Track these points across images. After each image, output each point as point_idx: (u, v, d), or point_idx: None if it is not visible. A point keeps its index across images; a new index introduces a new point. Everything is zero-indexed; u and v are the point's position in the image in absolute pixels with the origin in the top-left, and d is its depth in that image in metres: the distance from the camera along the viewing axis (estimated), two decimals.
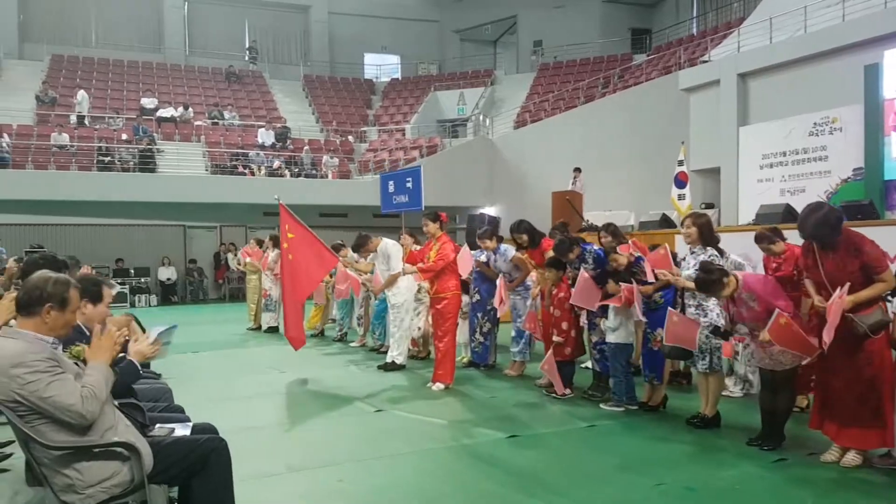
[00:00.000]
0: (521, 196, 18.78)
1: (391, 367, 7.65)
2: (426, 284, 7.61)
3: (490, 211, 18.96)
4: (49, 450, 2.68)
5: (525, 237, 7.23)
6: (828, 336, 4.02)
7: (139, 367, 3.41)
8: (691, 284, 4.87)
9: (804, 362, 4.52)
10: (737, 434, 4.96)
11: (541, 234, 7.56)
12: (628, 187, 15.75)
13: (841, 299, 3.99)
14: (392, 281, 7.57)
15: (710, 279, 4.50)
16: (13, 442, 4.44)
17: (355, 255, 8.88)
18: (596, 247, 6.20)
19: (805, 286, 4.55)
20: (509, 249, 7.31)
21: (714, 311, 4.98)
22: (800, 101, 12.33)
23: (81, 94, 20.33)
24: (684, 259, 5.42)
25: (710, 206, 14.04)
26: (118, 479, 2.76)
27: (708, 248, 5.09)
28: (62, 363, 2.75)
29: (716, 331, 4.84)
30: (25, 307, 2.80)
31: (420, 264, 6.95)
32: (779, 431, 4.63)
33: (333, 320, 10.51)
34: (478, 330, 7.72)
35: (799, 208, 8.48)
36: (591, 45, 24.77)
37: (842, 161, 11.49)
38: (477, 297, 7.72)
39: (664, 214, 12.99)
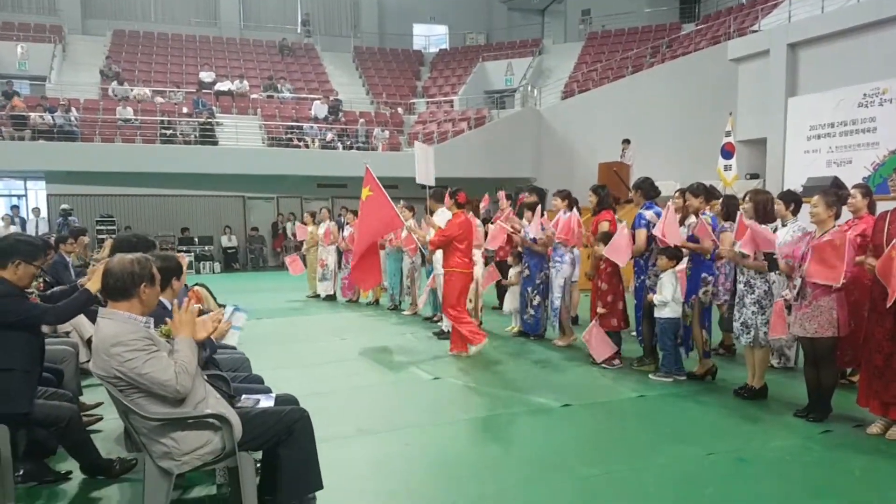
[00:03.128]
0: (569, 167, 18.99)
1: (444, 335, 7.98)
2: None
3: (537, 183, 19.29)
4: (147, 421, 2.86)
5: (595, 199, 7.21)
6: (892, 290, 4.11)
7: (213, 340, 3.55)
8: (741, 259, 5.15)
9: (830, 333, 4.60)
10: (783, 406, 5.11)
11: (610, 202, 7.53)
12: (675, 158, 15.84)
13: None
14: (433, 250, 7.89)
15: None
16: (101, 403, 4.97)
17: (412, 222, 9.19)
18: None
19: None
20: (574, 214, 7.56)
21: (762, 287, 5.17)
22: (850, 71, 12.30)
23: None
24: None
25: (755, 176, 14.16)
26: (211, 447, 2.93)
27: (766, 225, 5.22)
28: (156, 341, 2.89)
29: (768, 256, 5.04)
30: (121, 292, 2.90)
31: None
32: (825, 404, 4.78)
33: (385, 289, 10.90)
34: (529, 304, 7.93)
35: (845, 180, 8.67)
36: (640, 14, 24.58)
37: (890, 132, 11.48)
38: (526, 271, 7.91)
39: (711, 185, 13.13)
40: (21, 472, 3.73)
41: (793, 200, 5.96)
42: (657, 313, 5.98)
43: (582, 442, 4.50)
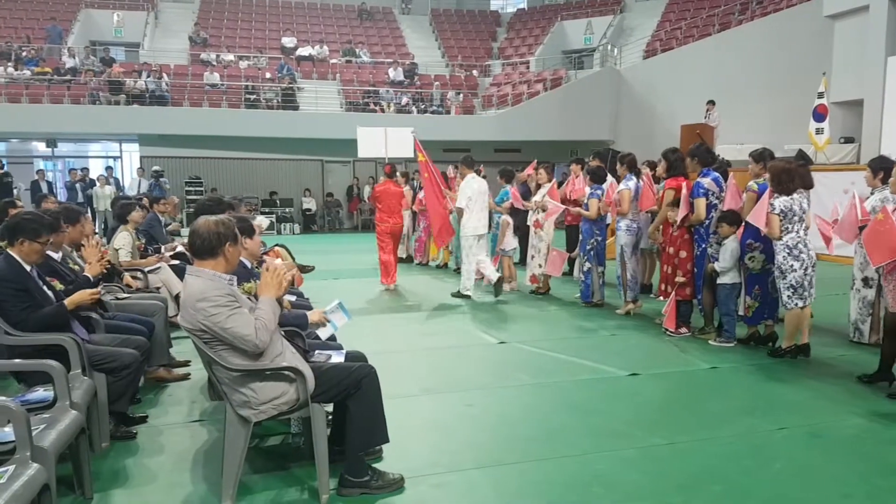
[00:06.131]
0: (649, 129, 18.45)
1: (457, 295, 8.42)
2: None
3: (614, 146, 18.84)
4: (229, 371, 3.05)
5: (666, 164, 6.80)
6: None
7: (308, 318, 3.91)
8: None
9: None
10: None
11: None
12: (763, 120, 15.14)
13: None
14: (458, 215, 8.45)
15: None
16: (189, 362, 5.33)
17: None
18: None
19: None
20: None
21: (781, 253, 5.30)
22: None
23: None
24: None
25: (849, 140, 13.41)
26: (286, 397, 3.12)
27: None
28: (238, 298, 3.06)
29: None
30: (207, 251, 3.06)
31: None
32: None
33: (451, 252, 11.03)
34: (580, 269, 8.08)
35: None
36: None
37: None
38: (580, 237, 8.00)
39: (801, 150, 12.52)
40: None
41: (882, 168, 5.68)
42: (720, 279, 5.97)
43: (647, 411, 4.43)
